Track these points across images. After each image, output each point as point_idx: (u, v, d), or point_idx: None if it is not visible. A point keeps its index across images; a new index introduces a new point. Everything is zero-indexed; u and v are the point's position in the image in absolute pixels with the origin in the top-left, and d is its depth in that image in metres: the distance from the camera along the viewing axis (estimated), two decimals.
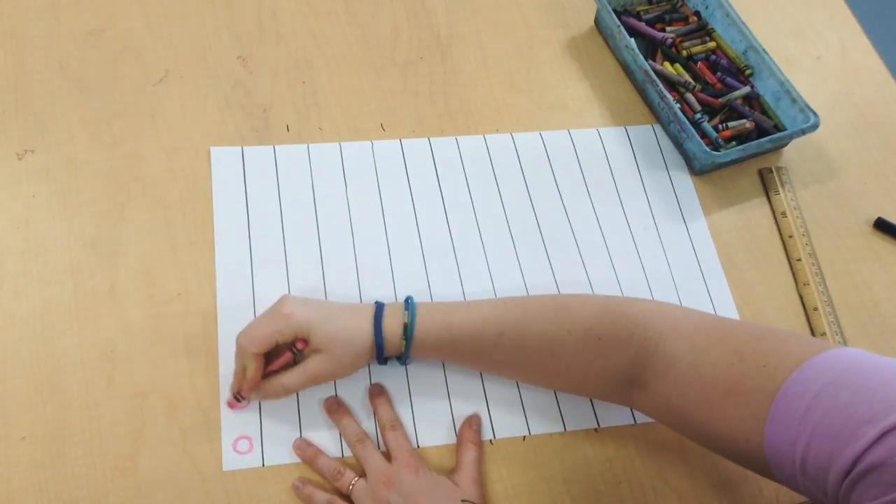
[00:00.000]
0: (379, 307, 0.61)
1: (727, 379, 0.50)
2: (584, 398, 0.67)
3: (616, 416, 0.66)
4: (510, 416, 0.65)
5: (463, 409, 0.65)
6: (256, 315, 0.66)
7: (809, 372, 0.45)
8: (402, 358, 0.62)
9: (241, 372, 0.61)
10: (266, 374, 0.60)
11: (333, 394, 0.64)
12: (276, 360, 0.60)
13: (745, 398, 0.48)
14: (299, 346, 0.59)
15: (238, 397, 0.62)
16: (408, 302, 0.61)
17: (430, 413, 0.65)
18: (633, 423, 0.66)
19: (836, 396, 0.43)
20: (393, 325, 0.60)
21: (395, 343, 0.60)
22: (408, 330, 0.60)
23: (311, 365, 0.59)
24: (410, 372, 0.66)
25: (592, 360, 0.58)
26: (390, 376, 0.66)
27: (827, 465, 0.42)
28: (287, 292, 0.68)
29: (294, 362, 0.60)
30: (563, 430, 0.65)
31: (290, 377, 0.59)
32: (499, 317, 0.60)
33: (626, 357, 0.56)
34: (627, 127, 0.82)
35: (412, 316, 0.60)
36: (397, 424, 0.63)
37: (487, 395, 0.66)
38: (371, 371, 0.66)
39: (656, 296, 0.73)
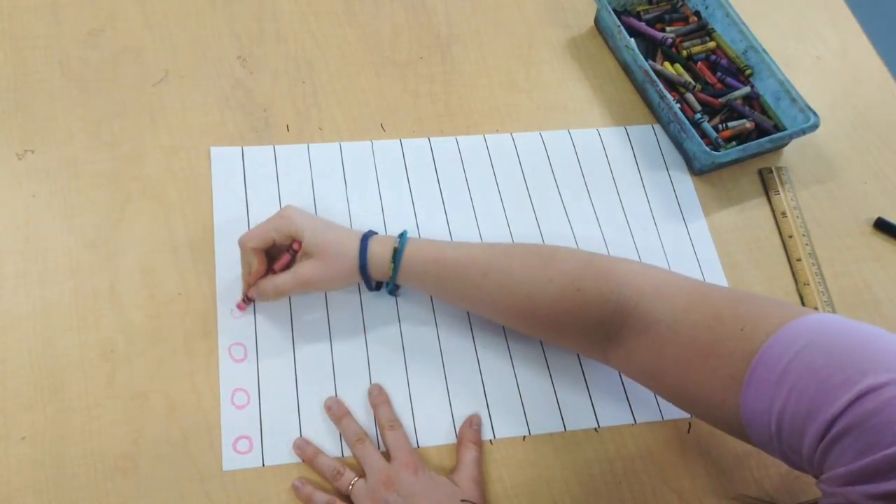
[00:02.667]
0: (370, 232, 0.64)
1: (706, 341, 0.50)
2: (584, 398, 0.67)
3: (616, 416, 0.66)
4: (510, 416, 0.65)
5: (463, 409, 0.65)
6: (256, 316, 0.67)
7: (786, 336, 0.45)
8: (390, 283, 0.64)
9: (246, 273, 0.65)
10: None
11: (334, 394, 0.65)
12: (277, 262, 0.64)
13: (723, 360, 0.48)
14: (295, 246, 0.63)
15: (246, 299, 0.65)
16: (402, 234, 0.64)
17: (430, 413, 0.65)
18: (632, 423, 0.66)
19: (811, 360, 0.43)
20: (382, 250, 0.63)
21: (383, 266, 0.63)
22: (397, 255, 0.62)
23: (302, 268, 0.63)
24: (410, 372, 0.66)
25: (570, 311, 0.58)
26: (390, 376, 0.66)
27: (802, 428, 0.43)
28: None
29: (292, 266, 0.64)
30: (563, 430, 0.65)
31: (282, 278, 0.63)
32: (486, 258, 0.62)
33: (605, 312, 0.56)
34: (627, 127, 0.82)
35: (402, 242, 0.63)
36: (396, 424, 0.63)
37: (487, 395, 0.66)
38: (371, 371, 0.66)
39: None
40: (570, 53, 0.86)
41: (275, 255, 0.65)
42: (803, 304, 0.74)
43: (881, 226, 0.79)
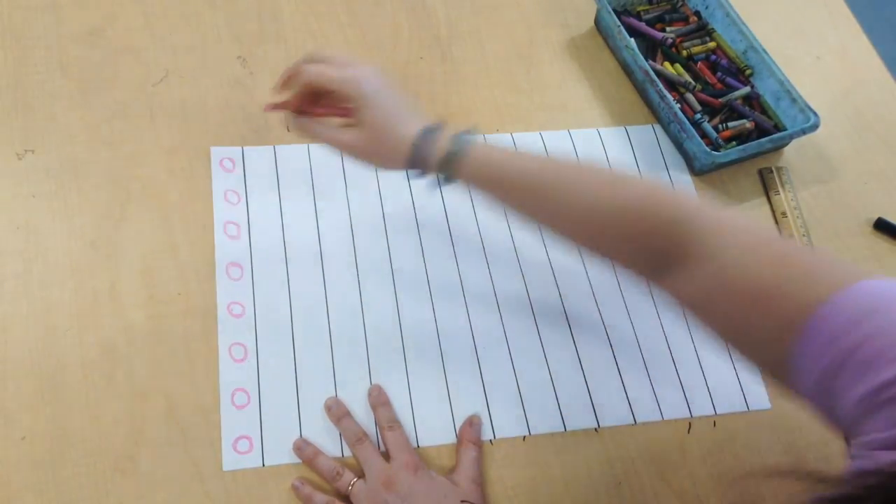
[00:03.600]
0: (436, 126, 0.60)
1: (771, 279, 0.49)
2: (584, 398, 0.67)
3: (616, 416, 0.66)
4: (510, 416, 0.65)
5: (463, 409, 0.65)
6: (257, 316, 0.67)
7: (859, 291, 0.45)
8: (443, 175, 0.60)
9: (296, 99, 0.62)
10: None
11: (334, 394, 0.65)
12: (328, 106, 0.62)
13: (785, 302, 0.48)
14: (350, 105, 0.60)
15: (272, 105, 0.62)
16: (464, 133, 0.61)
17: (430, 413, 0.65)
18: (633, 423, 0.66)
19: (882, 324, 0.43)
20: (445, 137, 0.60)
21: (441, 150, 0.59)
22: (459, 141, 0.59)
23: (345, 135, 0.61)
24: (410, 372, 0.66)
25: (633, 232, 0.57)
26: (390, 376, 0.66)
27: (853, 382, 0.42)
28: (287, 292, 0.68)
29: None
30: (563, 430, 0.65)
31: (324, 127, 0.62)
32: (554, 168, 0.59)
33: (670, 238, 0.55)
34: (627, 127, 0.82)
35: (461, 140, 0.59)
36: (396, 425, 0.63)
37: (487, 395, 0.66)
38: (371, 371, 0.66)
39: (656, 296, 0.72)
40: (570, 53, 0.86)
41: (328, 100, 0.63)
42: None
43: (881, 226, 0.79)
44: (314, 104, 0.63)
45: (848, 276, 0.46)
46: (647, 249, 0.57)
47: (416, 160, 0.60)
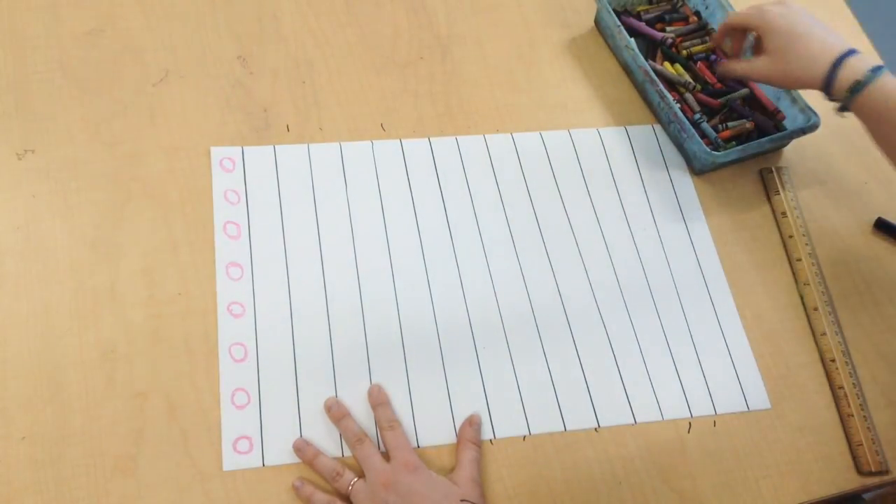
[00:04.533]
0: (850, 51, 0.68)
1: None
2: (584, 398, 0.67)
3: (616, 416, 0.67)
4: (510, 416, 0.65)
5: (463, 409, 0.65)
6: (257, 315, 0.67)
7: None
8: (841, 105, 0.68)
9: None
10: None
11: (333, 394, 0.65)
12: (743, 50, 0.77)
13: None
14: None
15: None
16: (878, 68, 0.67)
17: (430, 413, 0.65)
18: (633, 423, 0.66)
19: None
20: (848, 76, 0.67)
21: (840, 91, 0.67)
22: (857, 86, 0.66)
23: (758, 64, 0.72)
24: (410, 372, 0.66)
25: None
26: (390, 376, 0.66)
27: None
28: (287, 292, 0.68)
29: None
30: (563, 430, 0.65)
31: (739, 64, 0.75)
32: None
33: None
34: (627, 127, 0.82)
35: (869, 77, 0.66)
36: (395, 424, 0.63)
37: (487, 395, 0.66)
38: (371, 371, 0.66)
39: (656, 296, 0.73)
40: (570, 53, 0.86)
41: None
42: (803, 303, 0.74)
43: (881, 226, 0.79)
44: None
45: None
46: None
47: (825, 85, 0.68)
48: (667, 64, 0.84)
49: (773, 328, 0.73)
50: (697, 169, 0.79)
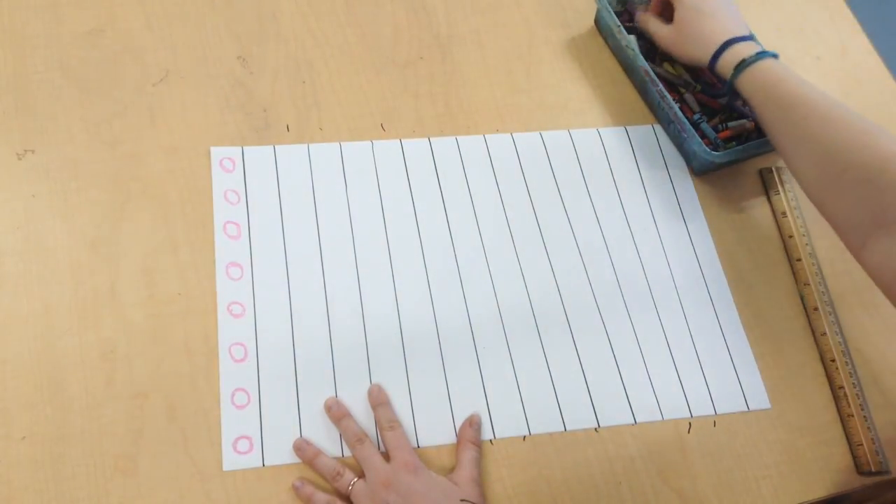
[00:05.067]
0: (744, 38, 0.73)
1: None
2: (584, 398, 0.67)
3: (616, 416, 0.67)
4: (510, 416, 0.65)
5: (463, 409, 0.65)
6: (257, 316, 0.67)
7: None
8: (726, 84, 0.72)
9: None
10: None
11: (333, 394, 0.65)
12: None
13: None
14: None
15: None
16: (764, 53, 0.71)
17: (430, 413, 0.65)
18: (633, 423, 0.66)
19: None
20: (733, 57, 0.71)
21: (726, 68, 0.72)
22: (742, 65, 0.70)
23: (661, 29, 0.78)
24: (410, 372, 0.66)
25: (863, 184, 0.58)
26: (390, 376, 0.66)
27: None
28: (287, 292, 0.68)
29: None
30: (563, 430, 0.66)
31: (653, 22, 0.80)
32: (814, 102, 0.64)
33: (886, 198, 0.56)
34: (627, 127, 0.82)
35: (755, 58, 0.70)
36: (396, 424, 0.63)
37: (487, 395, 0.66)
38: (371, 371, 0.66)
39: (656, 296, 0.73)
40: (570, 53, 0.86)
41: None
42: (803, 304, 0.74)
43: None
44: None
45: None
46: (870, 204, 0.57)
47: (712, 62, 0.72)
48: (666, 64, 0.84)
49: (773, 328, 0.73)
50: (697, 169, 0.79)
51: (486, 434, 0.65)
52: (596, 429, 0.66)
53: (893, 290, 0.55)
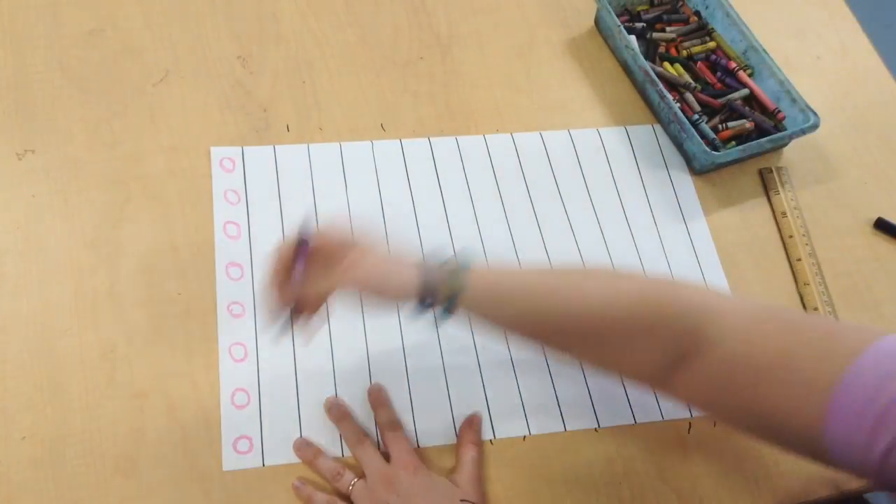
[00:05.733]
0: (428, 260, 0.57)
1: (783, 349, 0.49)
2: (584, 398, 0.67)
3: (616, 416, 0.66)
4: (510, 416, 0.65)
5: (463, 409, 0.65)
6: (257, 315, 0.67)
7: (873, 357, 0.44)
8: (448, 303, 0.56)
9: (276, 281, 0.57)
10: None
11: (334, 394, 0.65)
12: (294, 272, 0.56)
13: (804, 364, 0.47)
14: (302, 248, 0.56)
15: (294, 315, 0.58)
16: (461, 253, 0.59)
17: (430, 413, 0.65)
18: (633, 423, 0.66)
19: None
20: (443, 267, 0.56)
21: (444, 280, 0.56)
22: (460, 270, 0.56)
23: (351, 266, 0.56)
24: (410, 372, 0.66)
25: (641, 329, 0.55)
26: (390, 376, 0.66)
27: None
28: None
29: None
30: (563, 430, 0.65)
31: (327, 277, 0.56)
32: (552, 278, 0.58)
33: (673, 333, 0.54)
34: (627, 127, 0.82)
35: (466, 259, 0.57)
36: (396, 425, 0.63)
37: (487, 395, 0.66)
38: (371, 372, 0.66)
39: None
40: (570, 53, 0.86)
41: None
42: (803, 304, 0.74)
43: (881, 226, 0.79)
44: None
45: (854, 338, 0.46)
46: (659, 346, 0.55)
47: (423, 306, 0.56)
48: (666, 64, 0.84)
49: None
50: (697, 169, 0.79)
51: (486, 434, 0.65)
52: (596, 429, 0.66)
53: (711, 409, 0.55)
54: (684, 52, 0.84)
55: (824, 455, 0.47)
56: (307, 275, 0.57)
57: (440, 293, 0.55)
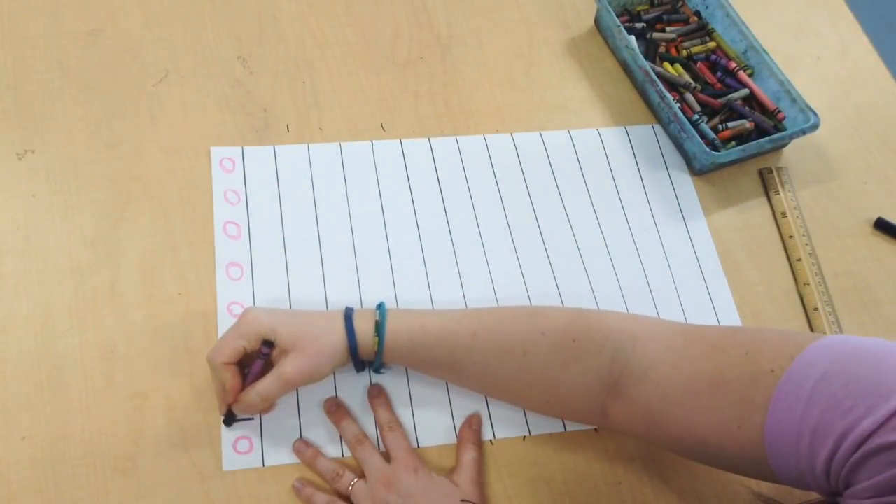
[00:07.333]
0: (349, 309, 0.60)
1: (711, 371, 0.49)
2: None
3: None
4: (510, 416, 0.65)
5: (463, 409, 0.65)
6: None
7: (804, 361, 0.45)
8: (376, 361, 0.60)
9: (221, 391, 0.60)
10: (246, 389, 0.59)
11: (333, 395, 0.65)
12: (250, 373, 0.59)
13: (733, 386, 0.48)
14: (265, 350, 0.57)
15: (227, 420, 0.61)
16: (379, 305, 0.61)
17: (430, 413, 0.65)
18: None
19: (835, 384, 0.43)
20: (364, 324, 0.59)
21: (368, 342, 0.59)
22: (379, 327, 0.59)
23: (283, 367, 0.57)
24: (410, 372, 0.66)
25: (567, 364, 0.56)
26: (390, 377, 0.66)
27: (830, 446, 0.42)
28: (287, 292, 0.68)
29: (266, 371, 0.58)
30: (563, 430, 0.65)
31: (264, 384, 0.57)
32: (473, 318, 0.60)
33: (602, 361, 0.55)
34: (627, 127, 0.82)
35: (383, 315, 0.59)
36: (396, 425, 0.63)
37: None
38: (371, 372, 0.66)
39: (657, 296, 0.73)
40: (570, 53, 0.86)
41: (246, 364, 0.59)
42: (803, 304, 0.74)
43: (881, 226, 0.79)
44: (246, 383, 0.59)
45: (779, 346, 0.46)
46: (588, 380, 0.56)
47: (356, 343, 0.59)
48: (666, 64, 0.84)
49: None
50: (697, 169, 0.79)
51: (486, 434, 0.65)
52: (596, 429, 0.66)
53: (649, 439, 0.56)
54: (684, 52, 0.84)
55: (770, 474, 0.47)
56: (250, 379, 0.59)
57: (367, 356, 0.60)
